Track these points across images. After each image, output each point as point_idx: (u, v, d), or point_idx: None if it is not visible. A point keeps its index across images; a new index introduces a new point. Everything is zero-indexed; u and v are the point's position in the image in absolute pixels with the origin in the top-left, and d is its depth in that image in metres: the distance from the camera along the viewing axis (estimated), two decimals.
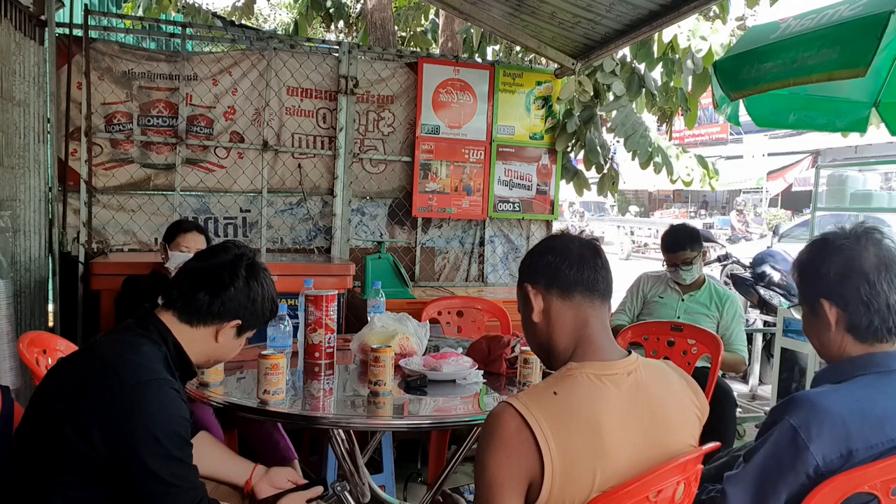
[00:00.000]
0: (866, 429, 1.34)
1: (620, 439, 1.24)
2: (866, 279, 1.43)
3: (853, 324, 1.45)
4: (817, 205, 4.79)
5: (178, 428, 1.42)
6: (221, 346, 1.64)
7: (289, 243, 4.23)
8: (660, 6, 3.39)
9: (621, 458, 1.24)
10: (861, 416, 1.36)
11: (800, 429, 1.34)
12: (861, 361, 1.46)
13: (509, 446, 1.20)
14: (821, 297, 1.48)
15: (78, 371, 1.46)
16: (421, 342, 2.47)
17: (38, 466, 1.39)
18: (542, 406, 1.22)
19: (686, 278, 3.41)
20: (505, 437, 1.20)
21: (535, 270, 1.41)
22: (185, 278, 1.63)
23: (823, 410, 1.36)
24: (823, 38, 2.19)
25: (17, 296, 3.09)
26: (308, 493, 1.79)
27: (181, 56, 3.89)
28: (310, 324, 2.35)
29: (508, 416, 1.22)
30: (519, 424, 1.20)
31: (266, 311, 1.67)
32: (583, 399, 1.26)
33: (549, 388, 1.28)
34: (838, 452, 1.33)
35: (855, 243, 1.46)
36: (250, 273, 1.63)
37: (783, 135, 19.13)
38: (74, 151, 3.75)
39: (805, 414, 1.36)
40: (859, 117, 2.95)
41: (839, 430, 1.34)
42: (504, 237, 4.71)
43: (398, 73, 4.36)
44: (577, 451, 1.21)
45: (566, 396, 1.25)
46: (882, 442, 1.34)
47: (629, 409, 1.28)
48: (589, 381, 1.28)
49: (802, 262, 1.54)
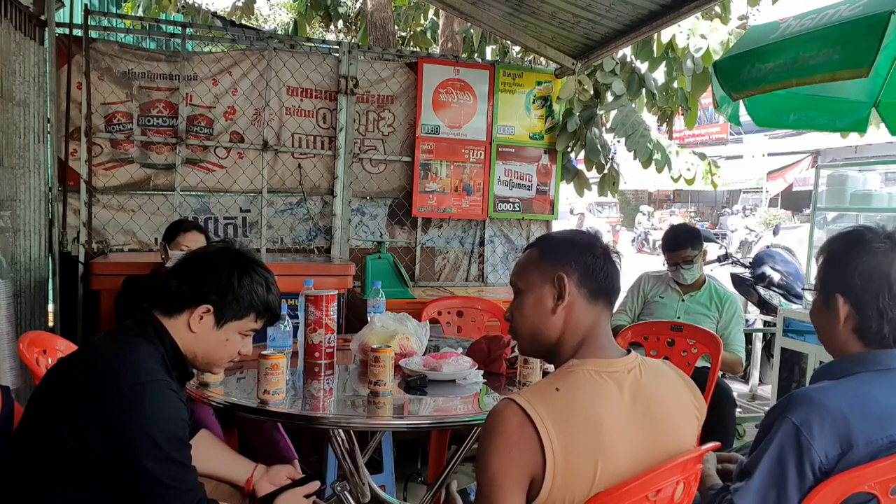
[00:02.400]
0: (867, 425, 1.34)
1: (621, 437, 1.24)
2: (890, 288, 1.40)
3: (862, 327, 1.44)
4: (817, 205, 4.79)
5: (175, 430, 1.41)
6: (201, 338, 1.56)
7: (289, 243, 4.23)
8: (660, 6, 3.39)
9: (621, 456, 1.24)
10: (861, 412, 1.35)
11: (802, 427, 1.33)
12: (860, 359, 1.45)
13: (511, 442, 1.19)
14: (838, 291, 1.45)
15: (76, 371, 1.46)
16: (421, 342, 2.47)
17: (37, 466, 1.39)
18: (544, 402, 1.22)
19: (687, 278, 3.41)
20: (507, 433, 1.19)
21: (571, 264, 1.36)
22: (168, 273, 1.62)
23: (824, 407, 1.35)
24: (824, 39, 2.19)
25: (17, 296, 3.09)
26: (305, 488, 1.77)
27: (181, 56, 3.89)
28: (310, 324, 2.35)
29: (511, 412, 1.21)
30: (521, 420, 1.19)
31: (245, 301, 1.57)
32: (584, 395, 1.25)
33: (552, 385, 1.27)
34: (839, 448, 1.32)
35: (891, 249, 1.43)
36: (223, 259, 1.58)
37: (783, 135, 19.12)
38: (74, 151, 3.75)
39: (806, 411, 1.35)
40: (859, 117, 2.95)
41: (840, 426, 1.33)
42: (504, 237, 4.71)
43: (398, 73, 4.36)
44: (578, 447, 1.20)
45: (568, 392, 1.25)
46: (881, 438, 1.33)
47: (629, 407, 1.27)
48: (591, 377, 1.27)
49: (833, 251, 1.49)
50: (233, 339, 1.61)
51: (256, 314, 1.61)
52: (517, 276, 1.43)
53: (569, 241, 1.41)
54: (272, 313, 1.66)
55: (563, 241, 1.42)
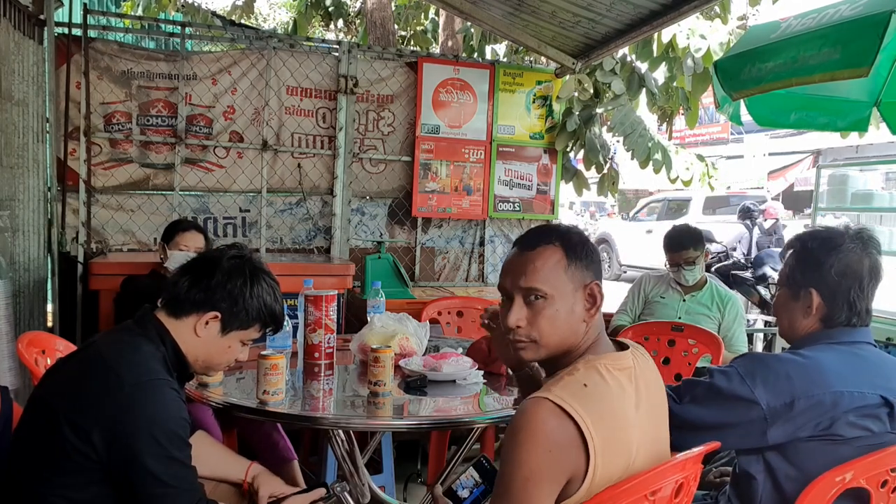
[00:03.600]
0: (808, 382, 1.48)
1: (639, 432, 1.24)
2: (860, 284, 1.57)
3: (830, 316, 1.58)
4: (818, 205, 4.79)
5: (177, 428, 1.41)
6: (205, 343, 1.58)
7: (288, 243, 4.23)
8: (660, 5, 3.39)
9: (641, 451, 1.24)
10: (804, 370, 1.50)
11: (745, 376, 1.50)
12: (814, 336, 1.60)
13: (551, 440, 1.15)
14: (812, 286, 1.59)
15: (77, 371, 1.46)
16: (421, 342, 2.47)
17: (36, 466, 1.39)
18: (577, 398, 1.18)
19: (689, 278, 3.40)
20: (546, 430, 1.15)
21: (594, 268, 1.33)
22: (176, 273, 1.63)
23: (767, 364, 1.53)
24: (824, 38, 2.18)
25: (17, 296, 3.09)
26: (312, 495, 1.78)
27: (180, 55, 3.88)
28: (309, 324, 2.34)
29: (547, 410, 1.16)
30: (560, 418, 1.16)
31: (253, 311, 1.59)
32: (610, 391, 1.23)
33: (579, 381, 1.22)
34: (782, 401, 1.46)
35: (860, 248, 1.58)
36: (236, 268, 1.59)
37: (784, 134, 19.09)
38: (73, 151, 3.74)
39: (750, 364, 1.53)
40: (860, 117, 2.94)
41: (783, 383, 1.48)
42: (504, 237, 4.70)
43: (398, 73, 4.35)
44: (613, 442, 1.19)
45: (596, 388, 1.22)
46: (823, 393, 1.46)
47: (639, 402, 1.27)
48: (609, 373, 1.25)
49: (806, 250, 1.62)
50: (234, 347, 1.63)
51: (261, 325, 1.64)
52: (540, 281, 1.29)
53: (586, 240, 1.34)
54: (276, 325, 1.69)
55: (584, 241, 1.34)
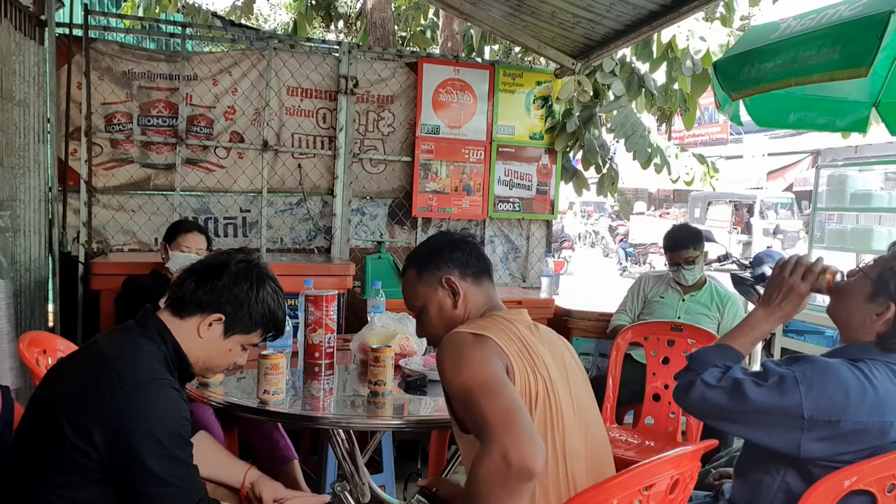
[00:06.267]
0: (863, 406, 1.41)
1: (537, 348, 1.47)
2: None
3: (888, 336, 1.50)
4: (817, 205, 4.80)
5: (178, 428, 1.42)
6: (206, 345, 1.58)
7: (289, 243, 4.23)
8: (660, 6, 3.39)
9: (546, 361, 1.46)
10: (863, 393, 1.42)
11: (800, 382, 1.43)
12: (867, 348, 1.52)
13: (479, 347, 1.39)
14: (894, 302, 1.50)
15: (78, 371, 1.46)
16: (421, 342, 2.47)
17: (38, 466, 1.39)
18: (478, 327, 1.46)
19: (688, 278, 3.41)
20: (473, 345, 1.39)
21: (448, 264, 1.62)
22: (182, 274, 1.64)
23: (829, 374, 1.44)
24: (824, 38, 2.18)
25: (17, 296, 3.09)
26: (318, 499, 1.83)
27: (181, 56, 3.89)
28: (310, 324, 2.35)
29: (463, 335, 1.43)
30: (475, 336, 1.42)
31: (256, 316, 1.60)
32: (502, 321, 1.51)
33: (475, 322, 1.53)
34: (827, 417, 1.41)
35: None
36: (243, 272, 1.60)
37: (783, 135, 19.09)
38: (74, 151, 3.75)
39: (811, 371, 1.45)
40: (860, 117, 2.94)
41: (840, 400, 1.41)
42: (504, 237, 4.70)
43: (398, 73, 4.35)
44: (517, 348, 1.43)
45: (492, 321, 1.50)
46: (873, 421, 1.40)
47: (532, 334, 1.52)
48: (500, 318, 1.53)
49: None
50: (235, 350, 1.64)
51: (264, 330, 1.65)
52: (411, 300, 1.68)
53: (433, 248, 1.65)
54: (278, 331, 1.70)
55: (428, 251, 1.66)
